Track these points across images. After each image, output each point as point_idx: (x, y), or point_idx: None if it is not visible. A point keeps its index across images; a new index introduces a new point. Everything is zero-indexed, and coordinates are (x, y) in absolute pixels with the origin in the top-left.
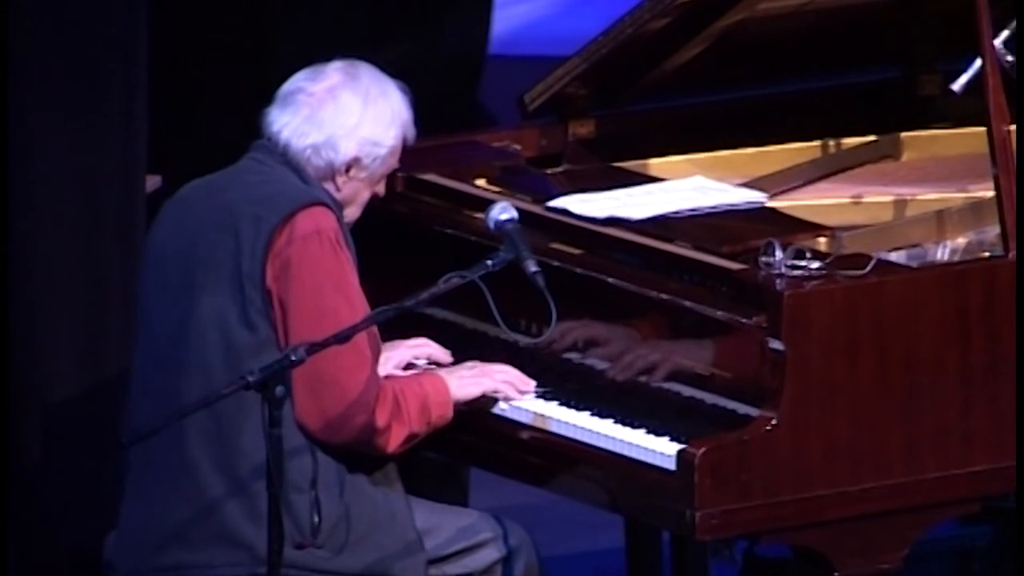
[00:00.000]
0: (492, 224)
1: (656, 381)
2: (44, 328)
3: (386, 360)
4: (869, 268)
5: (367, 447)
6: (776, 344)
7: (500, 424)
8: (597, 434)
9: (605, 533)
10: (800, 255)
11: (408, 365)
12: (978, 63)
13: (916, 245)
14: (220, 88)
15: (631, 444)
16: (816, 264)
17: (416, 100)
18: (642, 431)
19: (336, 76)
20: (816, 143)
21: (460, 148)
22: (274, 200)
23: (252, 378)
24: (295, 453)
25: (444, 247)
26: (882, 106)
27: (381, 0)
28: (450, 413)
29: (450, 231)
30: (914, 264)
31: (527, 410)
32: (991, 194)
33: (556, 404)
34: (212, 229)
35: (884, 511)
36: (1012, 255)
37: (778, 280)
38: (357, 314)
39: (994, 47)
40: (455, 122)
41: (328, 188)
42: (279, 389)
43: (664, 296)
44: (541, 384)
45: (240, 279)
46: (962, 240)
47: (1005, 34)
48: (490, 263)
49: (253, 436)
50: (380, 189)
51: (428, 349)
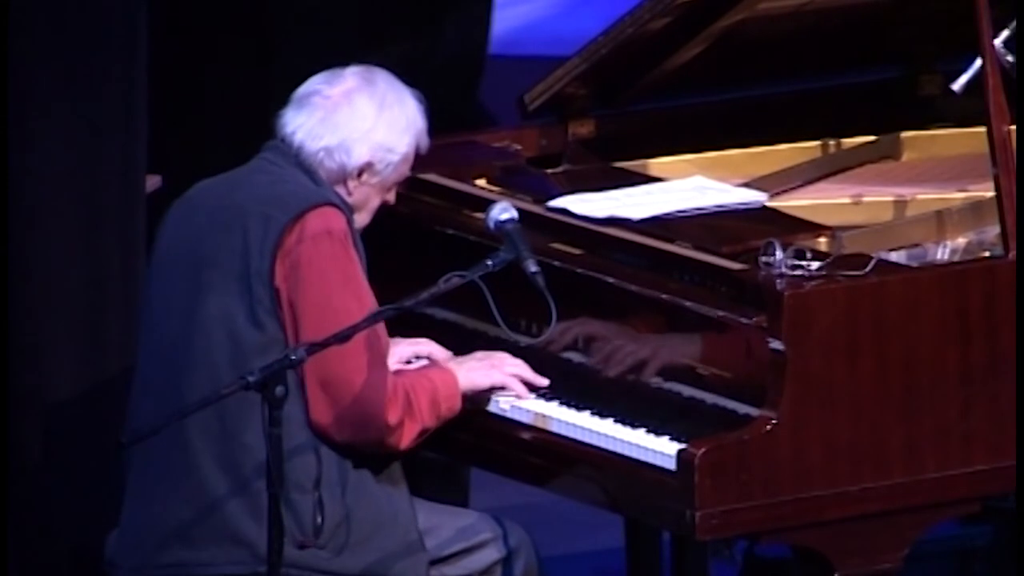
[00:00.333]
0: (492, 224)
1: (656, 381)
2: (44, 328)
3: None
4: (869, 268)
5: (380, 446)
6: (776, 344)
7: (500, 424)
8: (597, 434)
9: (605, 533)
10: (800, 255)
11: (407, 361)
12: (978, 63)
13: (916, 245)
14: (220, 88)
15: (631, 444)
16: (816, 264)
17: None
18: (642, 431)
19: (353, 80)
20: (816, 143)
21: (460, 148)
22: (284, 200)
23: (252, 378)
24: (299, 453)
25: (444, 247)
26: (882, 106)
27: (381, 0)
28: (459, 404)
29: (450, 231)
30: (914, 264)
31: (527, 410)
32: (991, 194)
33: (556, 404)
34: (220, 228)
35: (884, 511)
36: (1012, 255)
37: (778, 280)
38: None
39: (994, 47)
40: (455, 122)
41: (339, 192)
42: (279, 389)
43: (664, 296)
44: (531, 384)
45: (248, 278)
46: (962, 240)
47: (1005, 34)
48: (490, 263)
49: (257, 435)
50: (391, 197)
51: (428, 347)
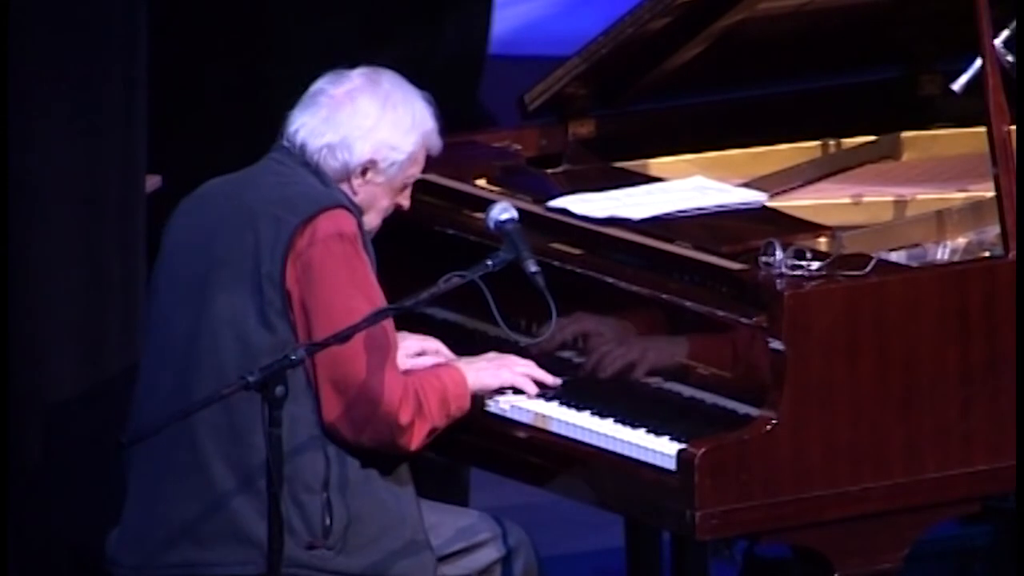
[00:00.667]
0: (492, 224)
1: (656, 381)
2: (44, 328)
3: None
4: (869, 268)
5: (392, 446)
6: (776, 344)
7: (500, 424)
8: (597, 434)
9: (605, 533)
10: (800, 255)
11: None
12: (978, 63)
13: (916, 245)
14: (220, 88)
15: (631, 444)
16: (816, 264)
17: None
18: (642, 431)
19: (358, 80)
20: (816, 143)
21: (460, 148)
22: (295, 201)
23: (252, 378)
24: (308, 454)
25: (444, 247)
26: (882, 106)
27: (381, 0)
28: (468, 404)
29: (450, 231)
30: (914, 264)
31: (527, 410)
32: (991, 194)
33: (556, 404)
34: (230, 228)
35: (884, 511)
36: (1012, 255)
37: (778, 280)
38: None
39: (994, 47)
40: (455, 122)
41: (344, 190)
42: (279, 389)
43: (664, 296)
44: (542, 384)
45: (259, 279)
46: (962, 240)
47: (1005, 34)
48: (490, 263)
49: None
50: (404, 201)
51: (436, 345)
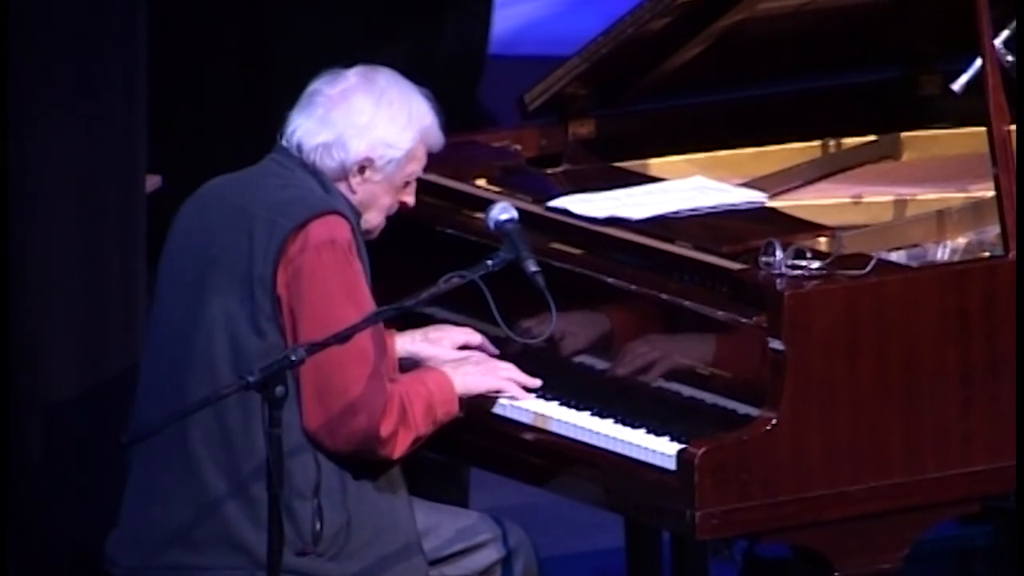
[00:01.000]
0: (492, 224)
1: (656, 381)
2: (44, 328)
3: (441, 338)
4: (869, 268)
5: (372, 455)
6: (776, 344)
7: (500, 424)
8: (597, 434)
9: (605, 533)
10: (800, 255)
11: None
12: (978, 63)
13: (916, 245)
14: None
15: (631, 444)
16: (816, 264)
17: None
18: (642, 431)
19: (353, 79)
20: (816, 143)
21: (460, 148)
22: (290, 206)
23: (252, 378)
24: (299, 460)
25: (444, 247)
26: (882, 106)
27: (382, 0)
28: (456, 409)
29: (450, 231)
30: (914, 264)
31: (527, 410)
32: (991, 194)
33: (556, 404)
34: (227, 230)
35: (884, 511)
36: (1012, 255)
37: (778, 280)
38: (370, 330)
39: (994, 47)
40: (455, 122)
41: (342, 189)
42: (279, 389)
43: (664, 296)
44: (542, 384)
45: (251, 283)
46: (962, 240)
47: (1005, 34)
48: (490, 263)
49: (258, 440)
50: (409, 198)
51: (477, 336)
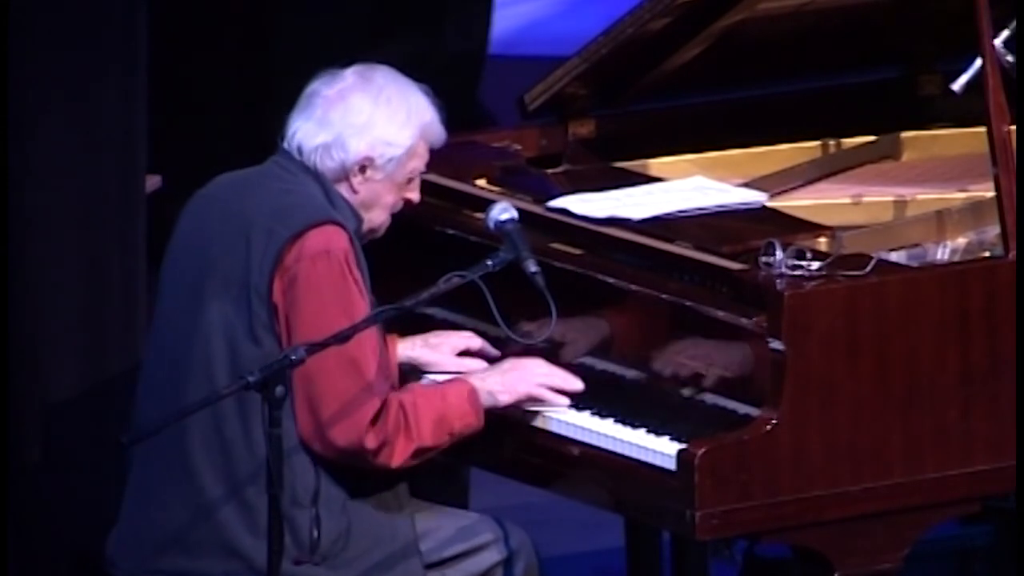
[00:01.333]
0: (492, 224)
1: (656, 381)
2: (44, 328)
3: (441, 344)
4: (869, 268)
5: (365, 463)
6: (776, 344)
7: (500, 424)
8: (597, 434)
9: (605, 533)
10: (800, 255)
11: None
12: (978, 63)
13: (916, 245)
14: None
15: (631, 444)
16: (816, 264)
17: None
18: (642, 431)
19: (350, 79)
20: (816, 143)
21: (460, 148)
22: (288, 214)
23: (252, 378)
24: (299, 469)
25: (444, 247)
26: (882, 106)
27: (381, 0)
28: (478, 422)
29: (450, 231)
30: (914, 264)
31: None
32: (991, 194)
33: None
34: (225, 235)
35: (884, 511)
36: (1012, 255)
37: (778, 280)
38: (362, 338)
39: (994, 47)
40: (455, 122)
41: (344, 190)
42: (279, 389)
43: (664, 296)
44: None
45: (248, 291)
46: (962, 240)
47: (1005, 34)
48: (490, 263)
49: (256, 448)
50: (413, 195)
51: (477, 341)
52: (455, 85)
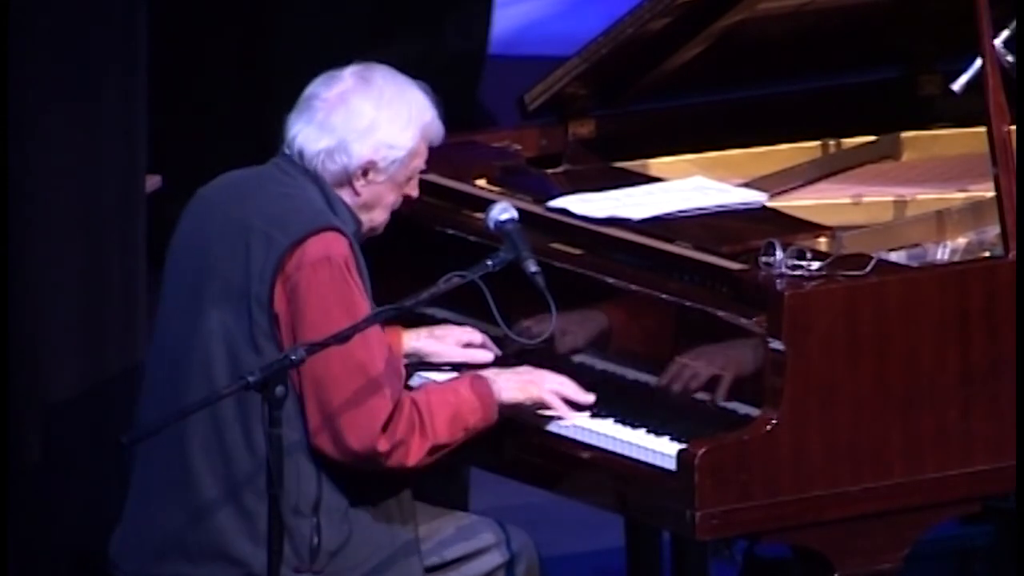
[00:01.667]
0: (492, 224)
1: (656, 381)
2: (44, 328)
3: (446, 335)
4: (869, 268)
5: (380, 465)
6: (776, 344)
7: (499, 424)
8: (597, 434)
9: (605, 533)
10: (800, 255)
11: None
12: (978, 63)
13: (916, 245)
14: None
15: (631, 444)
16: (816, 264)
17: None
18: (642, 431)
19: (350, 81)
20: (816, 143)
21: (460, 148)
22: (287, 220)
23: (252, 378)
24: (300, 478)
25: (444, 247)
26: (882, 106)
27: (381, 0)
28: (491, 417)
29: (450, 231)
30: (914, 264)
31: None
32: (991, 194)
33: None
34: (225, 240)
35: (884, 511)
36: (1012, 255)
37: (778, 280)
38: (368, 341)
39: (994, 47)
40: (455, 122)
41: (346, 193)
42: (279, 389)
43: (664, 296)
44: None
45: (248, 299)
46: (962, 240)
47: (1005, 34)
48: (490, 263)
49: (257, 455)
50: (413, 191)
51: (479, 336)
52: (455, 85)
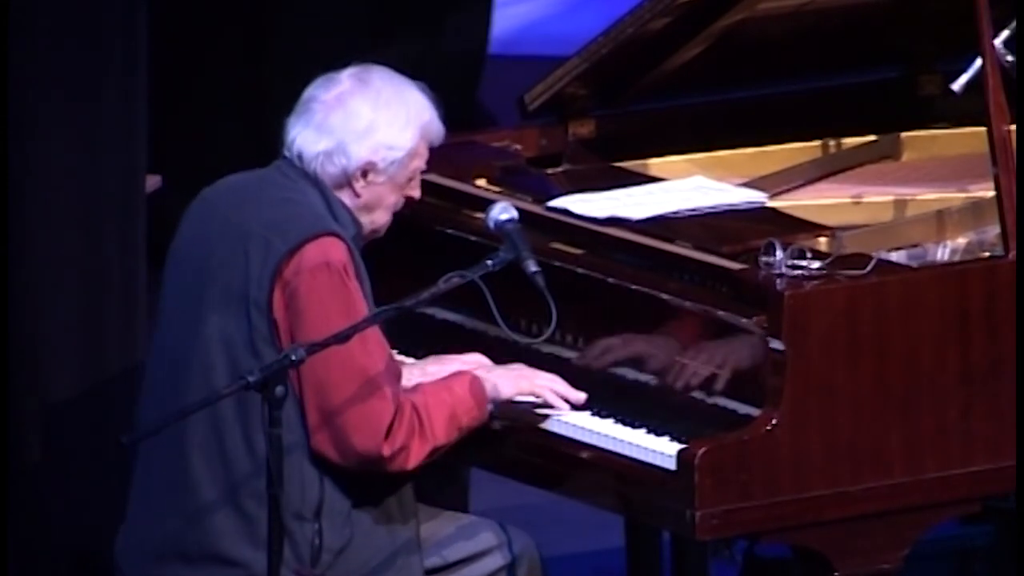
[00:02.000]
0: (492, 224)
1: (656, 381)
2: (44, 328)
3: (439, 372)
4: (869, 268)
5: (381, 469)
6: (776, 344)
7: (500, 424)
8: (597, 434)
9: (605, 533)
10: (800, 255)
11: None
12: (978, 63)
13: (916, 245)
14: (220, 88)
15: (631, 444)
16: (816, 264)
17: None
18: (642, 431)
19: (347, 83)
20: (816, 143)
21: (460, 148)
22: (286, 227)
23: (252, 378)
24: (302, 483)
25: (444, 247)
26: (882, 106)
27: (381, 0)
28: (482, 414)
29: (450, 231)
30: (914, 264)
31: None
32: (991, 194)
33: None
34: (224, 246)
35: (884, 511)
36: (1012, 255)
37: (778, 280)
38: (368, 344)
39: (994, 47)
40: (455, 122)
41: (346, 195)
42: (279, 389)
43: (664, 296)
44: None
45: (247, 305)
46: (962, 240)
47: (1005, 34)
48: (490, 263)
49: (258, 459)
50: (414, 192)
51: (480, 363)
52: (455, 85)
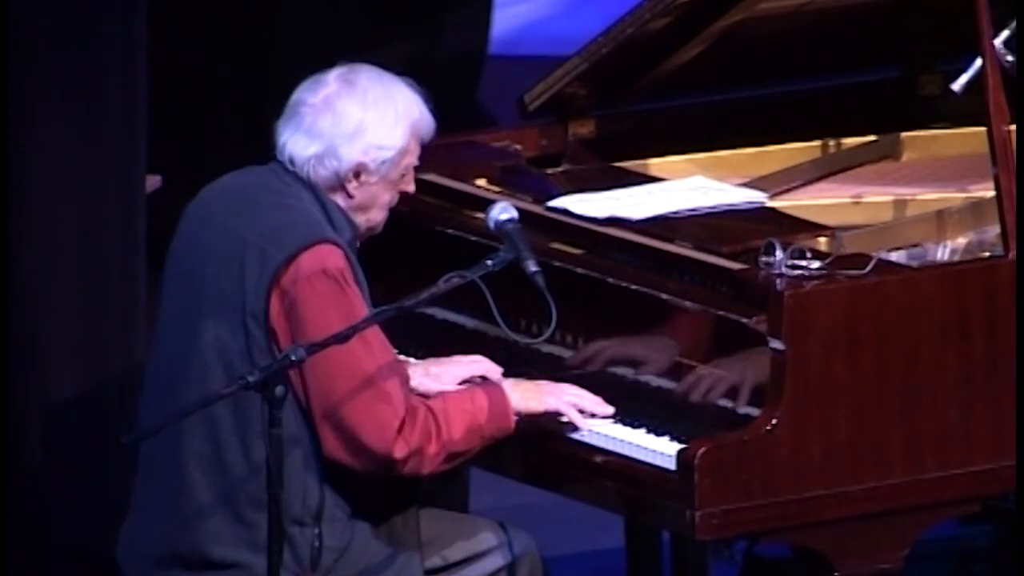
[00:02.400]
0: (492, 224)
1: (656, 381)
2: (44, 328)
3: (442, 373)
4: (869, 268)
5: (396, 471)
6: (776, 344)
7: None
8: (597, 434)
9: (605, 533)
10: (800, 255)
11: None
12: (978, 63)
13: (916, 245)
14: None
15: (631, 444)
16: (816, 264)
17: None
18: (642, 431)
19: (334, 84)
20: (816, 143)
21: (460, 148)
22: (282, 235)
23: (252, 378)
24: (302, 488)
25: (444, 247)
26: (882, 106)
27: (382, 0)
28: (509, 426)
29: (450, 231)
30: (914, 264)
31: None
32: (991, 194)
33: None
34: (220, 253)
35: (884, 511)
36: (1012, 255)
37: (778, 280)
38: (370, 346)
39: (994, 47)
40: (455, 122)
41: (339, 197)
42: (279, 389)
43: (664, 296)
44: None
45: (243, 315)
46: (962, 240)
47: (1005, 34)
48: (490, 263)
49: (254, 467)
50: (408, 187)
51: (483, 366)
52: (455, 85)
